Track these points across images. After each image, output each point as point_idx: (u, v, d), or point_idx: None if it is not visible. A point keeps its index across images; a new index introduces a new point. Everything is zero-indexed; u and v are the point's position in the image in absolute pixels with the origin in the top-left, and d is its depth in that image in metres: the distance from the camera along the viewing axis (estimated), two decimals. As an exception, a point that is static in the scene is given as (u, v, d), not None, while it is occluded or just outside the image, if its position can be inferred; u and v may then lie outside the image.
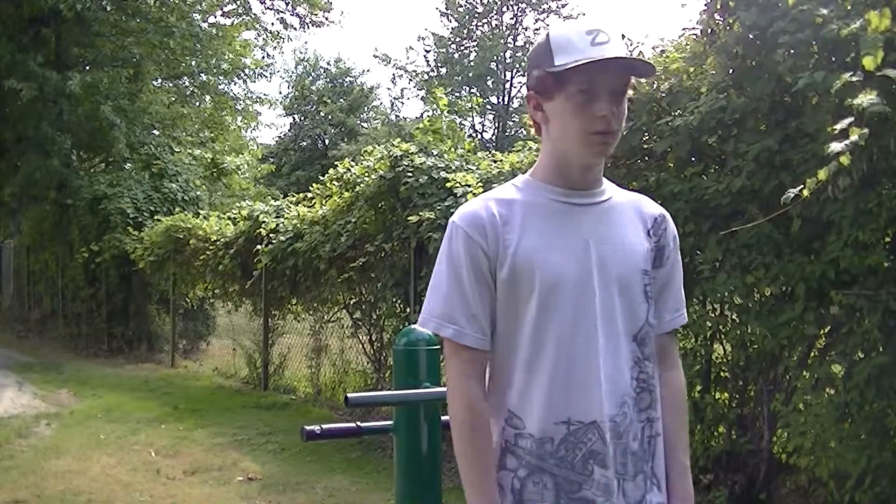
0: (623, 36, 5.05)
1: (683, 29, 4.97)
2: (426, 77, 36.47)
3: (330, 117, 37.39)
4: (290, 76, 38.87)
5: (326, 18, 17.95)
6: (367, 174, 7.44)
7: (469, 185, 6.16)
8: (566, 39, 1.69)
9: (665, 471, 1.79)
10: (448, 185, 6.43)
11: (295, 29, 18.12)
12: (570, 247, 1.71)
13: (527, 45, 34.63)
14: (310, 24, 17.90)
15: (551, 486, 1.68)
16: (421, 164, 6.84)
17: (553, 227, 1.73)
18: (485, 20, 36.77)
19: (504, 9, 36.43)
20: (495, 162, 6.54)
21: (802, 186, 3.34)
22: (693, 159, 4.74)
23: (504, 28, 36.51)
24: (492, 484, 1.70)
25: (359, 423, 2.15)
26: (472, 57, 36.38)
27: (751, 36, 4.31)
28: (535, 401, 1.69)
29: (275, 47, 19.42)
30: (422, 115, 29.76)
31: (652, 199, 1.89)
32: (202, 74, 17.37)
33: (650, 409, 1.75)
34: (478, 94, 30.41)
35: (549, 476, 1.69)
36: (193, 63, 17.02)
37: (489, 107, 35.84)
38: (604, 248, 1.72)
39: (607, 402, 1.67)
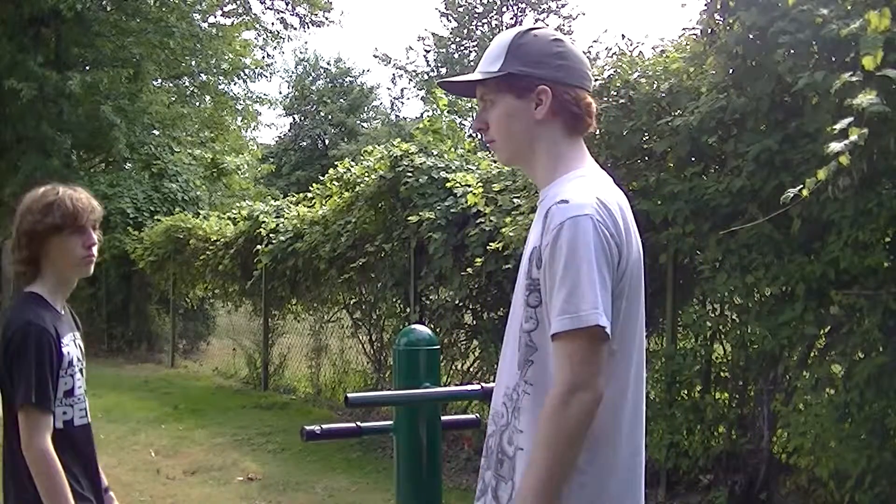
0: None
1: (683, 29, 4.98)
2: (426, 77, 36.45)
3: (330, 117, 37.34)
4: (290, 76, 38.82)
5: (326, 18, 17.97)
6: (367, 174, 7.44)
7: (469, 185, 6.16)
8: None
9: None
10: (448, 185, 6.43)
11: (295, 29, 18.14)
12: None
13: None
14: (310, 24, 17.92)
15: None
16: (421, 164, 6.84)
17: None
18: (485, 20, 36.76)
19: (504, 9, 36.43)
20: (495, 162, 6.53)
21: (802, 186, 3.34)
22: (693, 159, 4.74)
23: (504, 28, 36.51)
24: None
25: (359, 423, 2.15)
26: (471, 57, 36.35)
27: (751, 36, 4.31)
28: None
29: (275, 47, 19.45)
30: (422, 115, 29.75)
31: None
32: (202, 74, 17.36)
33: (515, 420, 1.70)
34: (478, 94, 30.32)
35: None
36: (193, 63, 17.01)
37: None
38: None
39: (494, 396, 1.79)
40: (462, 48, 37.10)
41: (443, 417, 2.18)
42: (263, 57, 18.60)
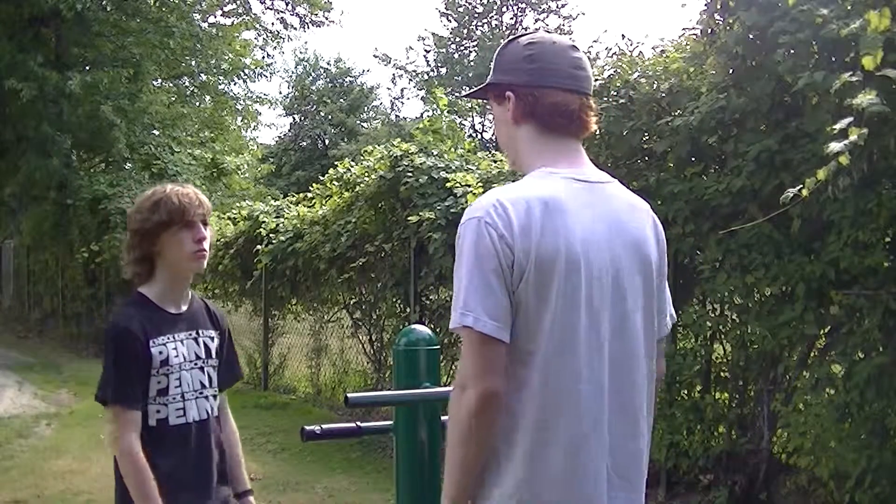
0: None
1: (683, 29, 4.99)
2: (426, 77, 36.45)
3: (330, 117, 37.33)
4: (290, 76, 38.80)
5: (326, 18, 17.94)
6: (367, 174, 7.44)
7: (469, 185, 6.16)
8: None
9: None
10: (448, 185, 6.43)
11: (295, 29, 18.10)
12: None
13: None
14: (310, 24, 17.89)
15: None
16: (421, 164, 6.84)
17: None
18: (485, 20, 36.75)
19: (504, 9, 36.42)
20: (495, 162, 6.54)
21: (802, 186, 3.34)
22: (693, 159, 4.74)
23: (504, 28, 36.48)
24: None
25: (359, 423, 2.15)
26: (472, 57, 36.36)
27: (751, 36, 4.31)
28: None
29: (275, 47, 19.37)
30: (422, 115, 29.78)
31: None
32: (202, 74, 17.33)
33: None
34: (478, 94, 30.22)
35: None
36: (193, 63, 16.99)
37: (489, 107, 35.75)
38: None
39: None
40: (462, 48, 37.09)
41: (443, 417, 2.18)
42: (263, 57, 18.58)
